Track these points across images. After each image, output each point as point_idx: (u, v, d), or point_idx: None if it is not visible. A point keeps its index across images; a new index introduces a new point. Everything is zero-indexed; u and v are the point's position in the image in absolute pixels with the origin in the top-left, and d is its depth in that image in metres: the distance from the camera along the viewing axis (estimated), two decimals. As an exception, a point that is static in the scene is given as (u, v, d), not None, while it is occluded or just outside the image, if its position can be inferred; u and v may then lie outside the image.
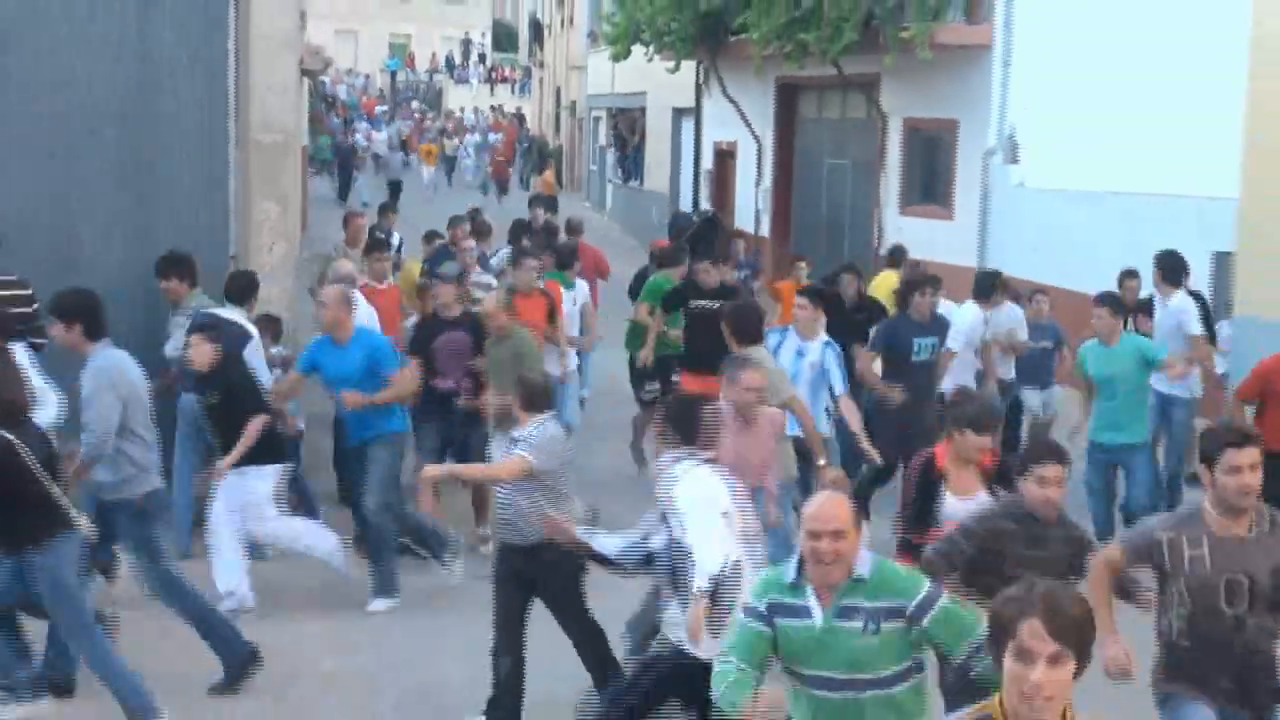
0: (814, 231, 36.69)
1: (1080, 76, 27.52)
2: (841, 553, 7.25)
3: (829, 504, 7.41)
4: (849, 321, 16.64)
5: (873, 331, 16.34)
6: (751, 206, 39.13)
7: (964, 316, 17.03)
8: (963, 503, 9.85)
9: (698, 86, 40.77)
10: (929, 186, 32.16)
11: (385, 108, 72.39)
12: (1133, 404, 14.15)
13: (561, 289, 16.40)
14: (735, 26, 35.08)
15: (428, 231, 20.72)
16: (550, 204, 35.60)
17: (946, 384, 15.67)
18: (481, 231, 20.43)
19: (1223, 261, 22.48)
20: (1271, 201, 18.73)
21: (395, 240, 20.19)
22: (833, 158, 36.22)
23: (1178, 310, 17.28)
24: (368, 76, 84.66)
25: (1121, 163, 25.99)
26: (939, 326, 14.56)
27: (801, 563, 7.41)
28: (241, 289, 14.89)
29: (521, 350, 14.68)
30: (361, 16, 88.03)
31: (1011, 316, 18.56)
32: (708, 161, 42.40)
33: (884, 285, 20.93)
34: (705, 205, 41.67)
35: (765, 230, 38.27)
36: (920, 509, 9.99)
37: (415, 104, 73.46)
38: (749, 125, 38.40)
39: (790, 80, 36.79)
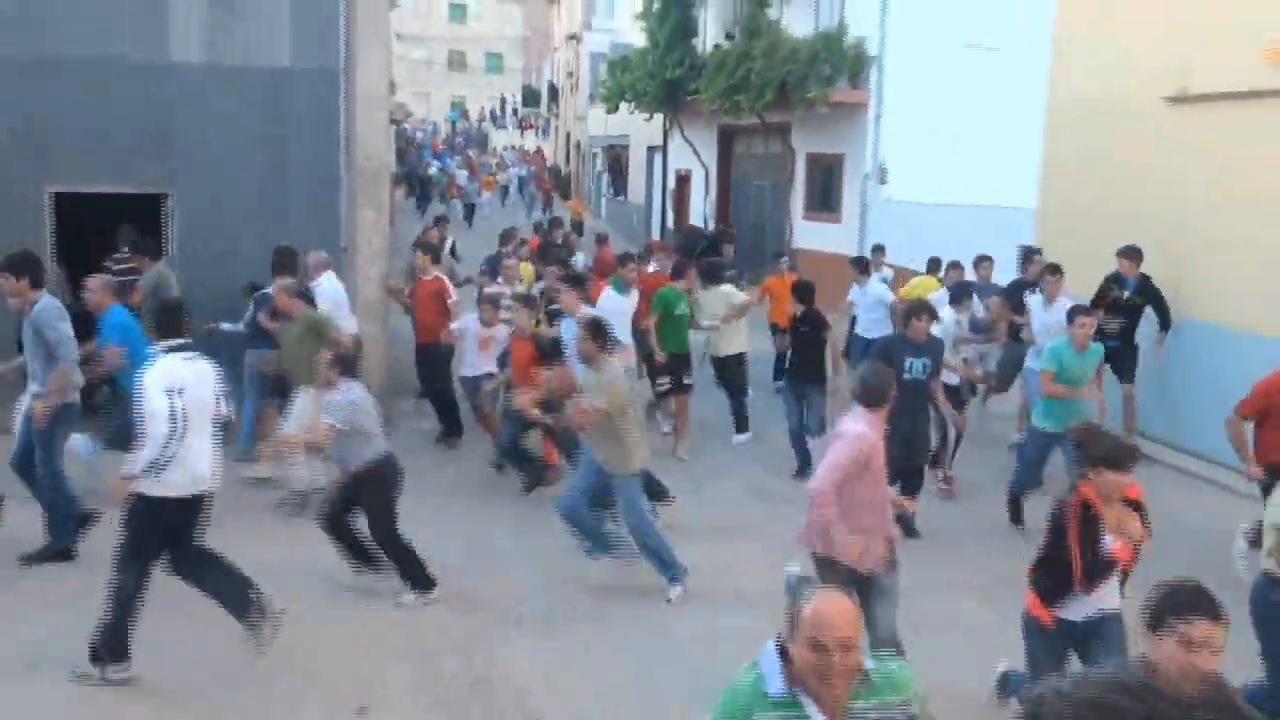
0: (745, 231, 36.27)
1: (929, 123, 28.11)
2: (852, 666, 4.54)
3: (834, 608, 4.53)
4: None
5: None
6: (701, 214, 38.94)
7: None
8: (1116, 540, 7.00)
9: (664, 131, 40.63)
10: (824, 200, 31.87)
11: (445, 148, 71.72)
12: (1083, 398, 12.05)
13: (615, 293, 14.63)
14: (690, 91, 35.58)
15: (503, 231, 19.78)
16: (577, 227, 35.96)
17: None
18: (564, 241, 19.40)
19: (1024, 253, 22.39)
20: (1058, 210, 18.83)
21: (448, 245, 19.58)
22: (757, 180, 36.00)
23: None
24: (435, 124, 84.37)
25: (957, 184, 26.47)
26: (932, 348, 12.15)
27: (787, 671, 4.63)
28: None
29: (314, 328, 12.55)
30: (431, 83, 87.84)
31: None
32: (671, 183, 41.90)
33: (922, 288, 18.55)
34: (672, 215, 41.72)
35: (712, 230, 37.61)
36: (1087, 551, 6.92)
37: (469, 150, 72.23)
38: (699, 158, 38.28)
39: (728, 127, 36.71)
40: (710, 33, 36.36)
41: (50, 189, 14.76)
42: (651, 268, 17.43)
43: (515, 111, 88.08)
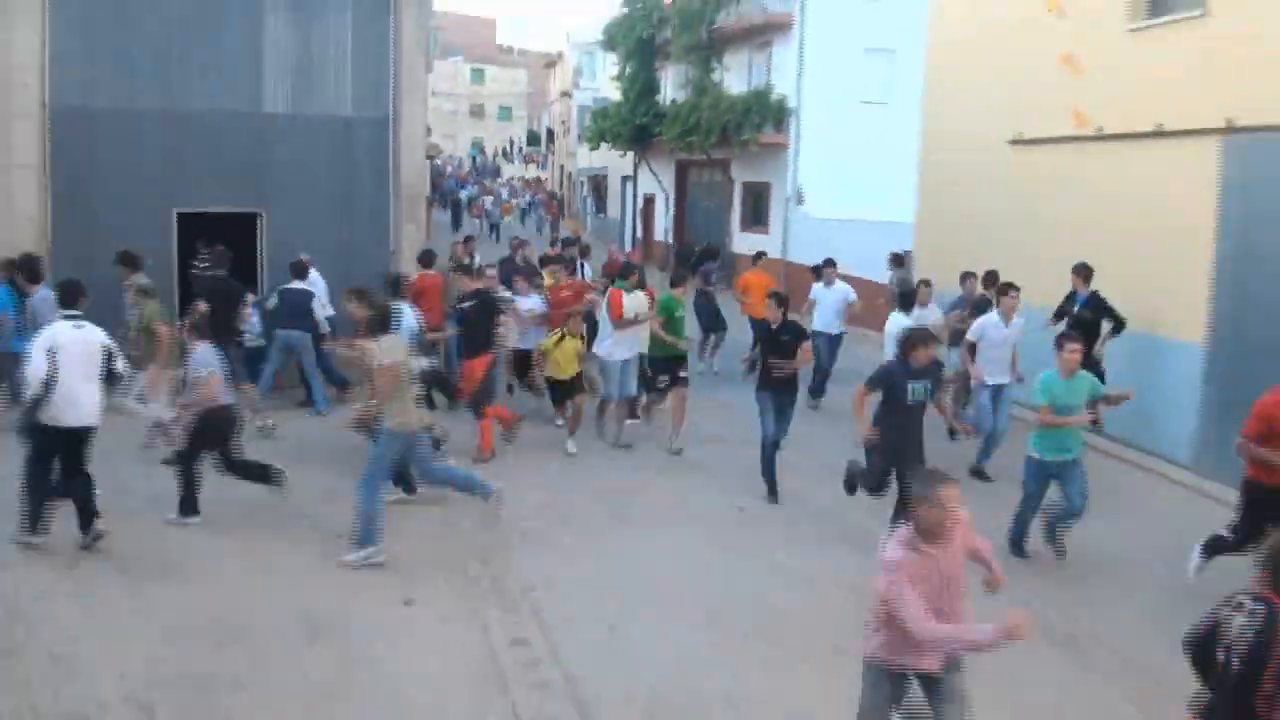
0: (696, 239, 36.06)
1: (836, 159, 28.04)
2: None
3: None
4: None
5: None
6: (663, 227, 38.82)
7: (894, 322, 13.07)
8: None
9: (635, 165, 40.39)
10: (755, 217, 31.85)
11: (469, 177, 71.08)
12: (1075, 428, 9.38)
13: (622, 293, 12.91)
14: (654, 134, 35.54)
15: (514, 239, 19.15)
16: (575, 241, 35.61)
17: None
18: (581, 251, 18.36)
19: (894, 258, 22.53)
20: (929, 224, 18.69)
21: (477, 259, 18.94)
22: (705, 202, 35.83)
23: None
24: (460, 158, 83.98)
25: (857, 204, 26.37)
26: (931, 371, 9.50)
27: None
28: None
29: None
30: (457, 128, 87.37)
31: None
32: (640, 204, 41.80)
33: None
34: (641, 229, 41.49)
35: (671, 238, 37.93)
36: None
37: (485, 180, 71.14)
38: (661, 185, 38.09)
39: (683, 161, 36.54)
40: (669, 90, 36.40)
41: (176, 210, 14.81)
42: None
43: (520, 150, 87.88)
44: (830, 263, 16.32)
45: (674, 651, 7.58)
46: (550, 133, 69.94)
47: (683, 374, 13.06)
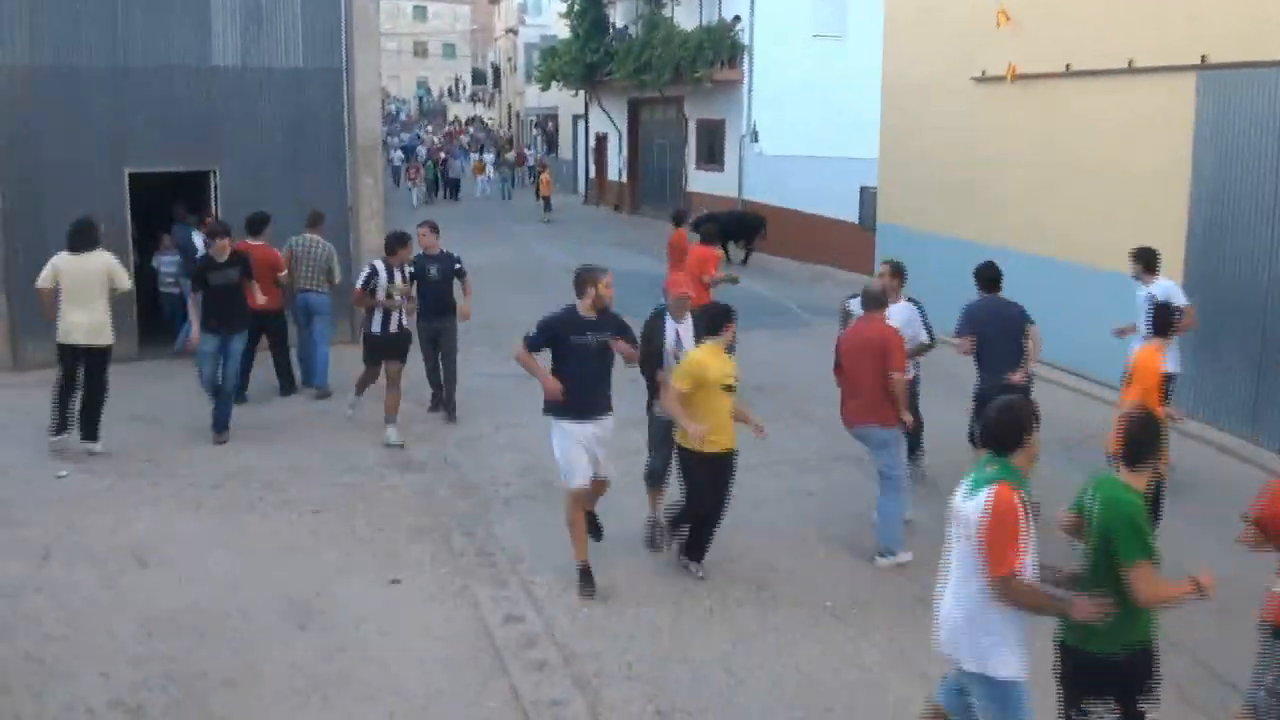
0: (651, 180, 36.26)
1: (791, 95, 27.69)
2: None
3: None
4: None
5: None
6: (616, 167, 38.49)
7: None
8: None
9: (586, 104, 39.95)
10: (711, 155, 31.56)
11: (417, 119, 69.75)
12: None
13: None
14: (605, 72, 35.00)
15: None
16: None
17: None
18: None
19: (865, 193, 22.29)
20: (893, 160, 18.34)
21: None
22: (659, 140, 35.52)
23: (1164, 289, 9.94)
24: (406, 100, 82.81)
25: (812, 140, 25.96)
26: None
27: None
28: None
29: None
30: (401, 68, 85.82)
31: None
32: (593, 143, 41.29)
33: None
34: (593, 170, 41.03)
35: (625, 179, 37.68)
36: None
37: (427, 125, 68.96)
38: (614, 124, 37.70)
39: (636, 99, 36.03)
40: (619, 25, 35.87)
41: (127, 170, 14.19)
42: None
43: (466, 88, 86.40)
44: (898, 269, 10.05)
45: (670, 620, 7.37)
46: (496, 71, 68.79)
47: None
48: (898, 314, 9.22)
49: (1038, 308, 10.08)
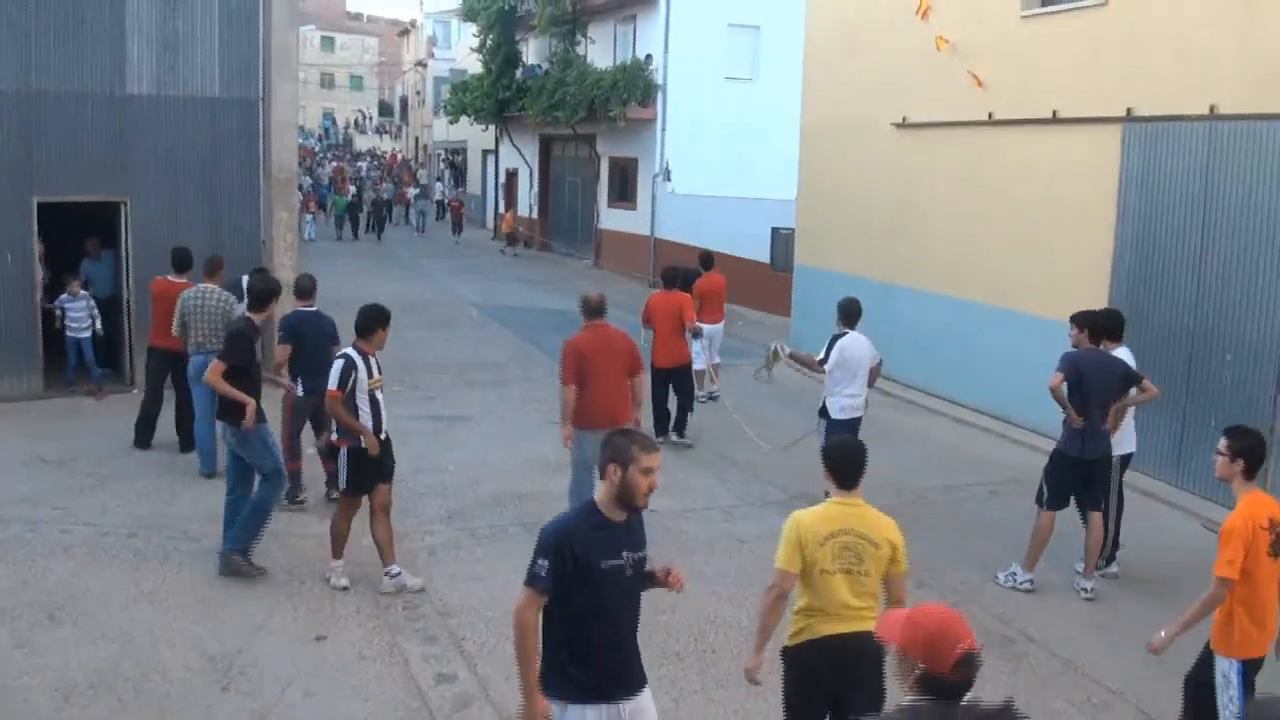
0: (561, 216, 36.07)
1: (704, 135, 27.85)
2: None
3: None
4: None
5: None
6: (527, 203, 38.26)
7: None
8: None
9: (496, 139, 39.74)
10: (623, 193, 31.43)
11: (325, 155, 68.38)
12: None
13: None
14: (518, 108, 34.72)
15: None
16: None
17: None
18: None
19: (777, 234, 22.49)
20: (811, 202, 18.36)
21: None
22: (571, 177, 35.34)
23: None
24: (312, 129, 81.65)
25: (725, 180, 26.62)
26: None
27: None
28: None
29: None
30: (307, 98, 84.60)
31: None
32: (503, 179, 40.99)
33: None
34: (503, 206, 40.56)
35: (536, 215, 37.42)
36: None
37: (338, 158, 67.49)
38: (525, 159, 37.55)
39: (547, 135, 35.84)
40: (532, 62, 35.77)
41: (36, 199, 13.54)
42: None
43: (372, 120, 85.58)
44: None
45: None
46: (405, 104, 68.26)
47: None
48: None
49: (962, 351, 10.15)
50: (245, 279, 10.98)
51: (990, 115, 14.00)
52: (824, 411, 10.03)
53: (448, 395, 14.92)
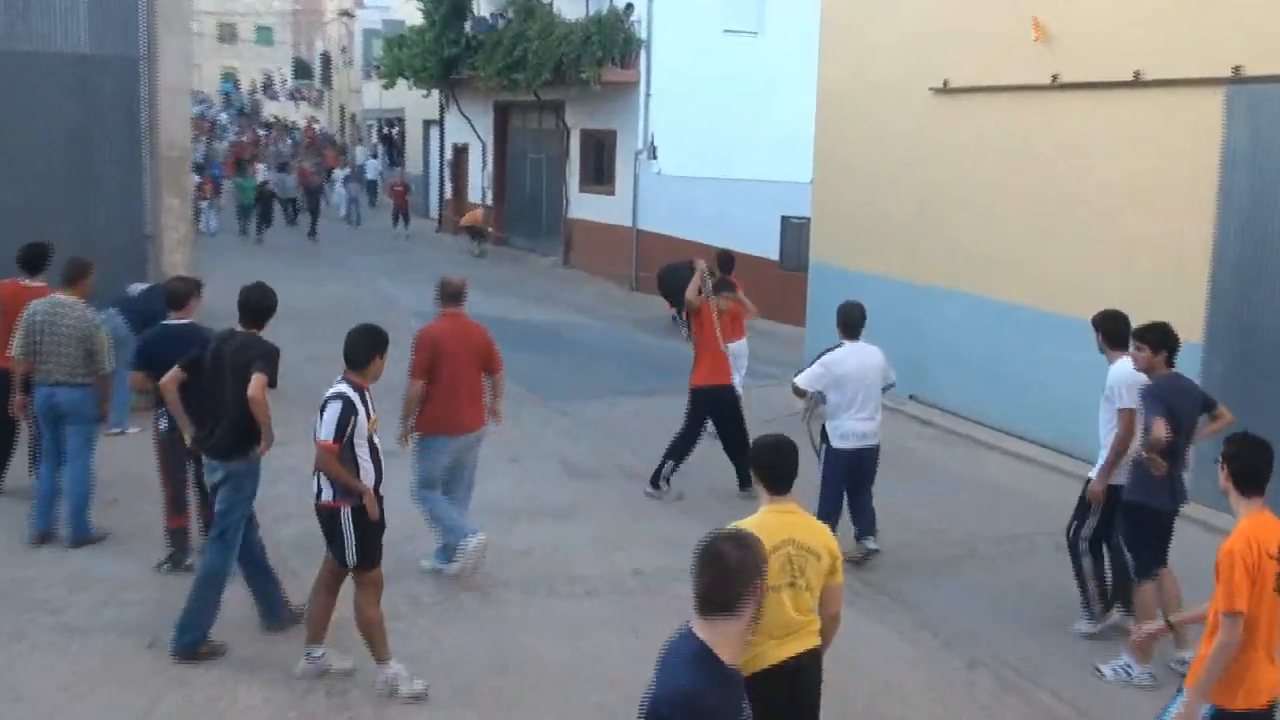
0: (522, 203, 36.23)
1: (697, 102, 27.91)
2: None
3: None
4: None
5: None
6: (479, 185, 38.41)
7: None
8: None
9: (441, 106, 39.76)
10: (598, 173, 31.56)
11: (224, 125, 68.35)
12: None
13: None
14: (468, 68, 34.76)
15: None
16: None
17: None
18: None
19: (788, 224, 22.52)
20: (829, 184, 18.37)
21: None
22: (534, 154, 35.47)
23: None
24: (208, 95, 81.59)
25: (721, 159, 26.64)
26: None
27: None
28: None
29: None
30: (202, 54, 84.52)
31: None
32: (449, 155, 40.97)
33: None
34: (451, 185, 40.67)
35: (490, 201, 37.55)
36: None
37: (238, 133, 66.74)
38: (476, 132, 37.63)
39: (504, 103, 36.02)
40: (483, 12, 35.69)
41: None
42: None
43: (286, 83, 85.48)
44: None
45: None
46: (326, 62, 68.28)
47: None
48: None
49: (1017, 371, 10.05)
50: (134, 290, 10.92)
51: (1055, 78, 13.98)
52: (824, 435, 10.08)
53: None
